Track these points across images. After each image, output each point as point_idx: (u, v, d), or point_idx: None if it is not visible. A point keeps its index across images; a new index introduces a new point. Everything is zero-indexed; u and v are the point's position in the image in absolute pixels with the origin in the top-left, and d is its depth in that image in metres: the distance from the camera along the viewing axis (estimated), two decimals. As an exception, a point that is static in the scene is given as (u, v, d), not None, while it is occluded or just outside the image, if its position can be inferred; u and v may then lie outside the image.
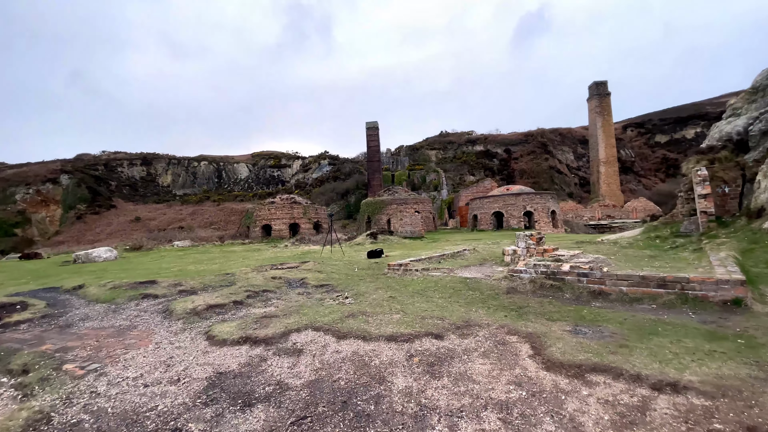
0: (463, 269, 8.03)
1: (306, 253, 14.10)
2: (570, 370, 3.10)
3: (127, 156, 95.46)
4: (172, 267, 12.29)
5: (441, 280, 6.94)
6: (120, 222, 75.44)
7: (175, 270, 11.21)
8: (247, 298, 6.42)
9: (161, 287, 7.61)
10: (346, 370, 3.36)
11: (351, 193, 70.11)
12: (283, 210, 35.34)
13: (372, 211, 35.15)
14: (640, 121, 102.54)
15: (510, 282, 6.25)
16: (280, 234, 34.24)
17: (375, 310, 5.17)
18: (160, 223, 75.51)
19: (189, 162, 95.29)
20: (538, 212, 33.52)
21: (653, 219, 13.38)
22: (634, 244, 10.36)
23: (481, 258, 9.81)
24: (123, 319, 5.80)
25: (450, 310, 5.09)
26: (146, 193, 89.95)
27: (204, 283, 7.80)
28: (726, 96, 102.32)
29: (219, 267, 10.86)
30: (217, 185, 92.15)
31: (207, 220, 77.04)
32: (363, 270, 9.14)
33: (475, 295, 5.92)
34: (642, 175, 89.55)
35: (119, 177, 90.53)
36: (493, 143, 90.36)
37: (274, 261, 11.96)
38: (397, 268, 7.98)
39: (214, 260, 14.42)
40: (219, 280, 7.97)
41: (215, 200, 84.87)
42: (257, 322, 4.89)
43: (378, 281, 7.44)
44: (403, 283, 7.07)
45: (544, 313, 4.81)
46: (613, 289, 5.40)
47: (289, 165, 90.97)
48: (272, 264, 10.68)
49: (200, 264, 12.79)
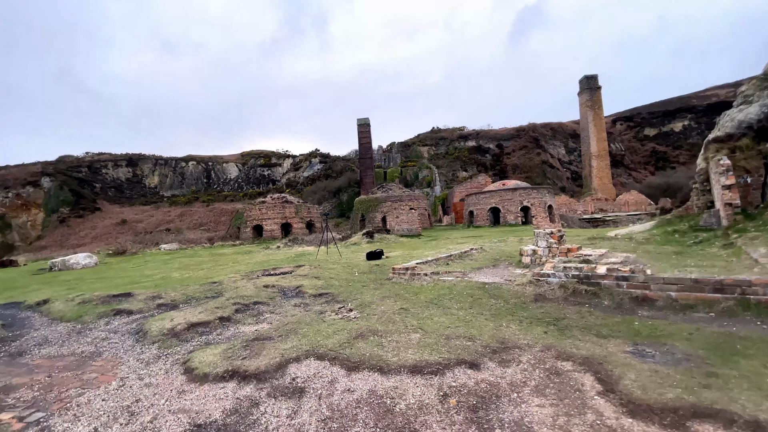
0: (477, 272, 7.27)
1: (300, 255, 13.24)
2: (664, 417, 2.34)
3: (111, 157, 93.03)
4: (154, 274, 11.34)
5: (455, 286, 6.16)
6: (105, 225, 73.45)
7: (157, 278, 10.27)
8: (236, 312, 5.57)
9: (138, 301, 6.70)
10: (365, 421, 2.55)
11: (343, 191, 69.15)
12: (274, 210, 34.29)
13: (366, 209, 34.28)
14: (628, 114, 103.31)
15: (536, 287, 5.51)
16: (272, 234, 33.20)
17: (387, 327, 4.37)
18: (148, 225, 73.68)
19: (177, 162, 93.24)
20: (535, 207, 33.04)
21: (664, 212, 12.84)
22: (651, 239, 9.73)
23: (491, 258, 9.07)
24: (87, 344, 4.91)
25: (476, 325, 4.31)
26: (133, 195, 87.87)
27: (187, 294, 6.91)
28: (712, 89, 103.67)
29: (206, 274, 9.95)
30: (206, 186, 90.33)
31: (196, 222, 75.42)
32: (364, 274, 8.33)
33: (500, 304, 5.16)
34: (632, 169, 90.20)
35: (104, 179, 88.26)
36: (485, 138, 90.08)
37: (266, 265, 11.08)
38: (403, 273, 7.19)
39: (201, 265, 13.47)
40: (204, 291, 7.08)
41: (204, 201, 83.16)
42: (247, 347, 4.05)
43: (383, 288, 6.64)
44: (412, 290, 6.28)
45: (589, 327, 4.06)
46: (659, 294, 4.68)
47: (280, 164, 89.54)
48: (264, 269, 9.81)
49: (186, 270, 11.84)
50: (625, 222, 49.98)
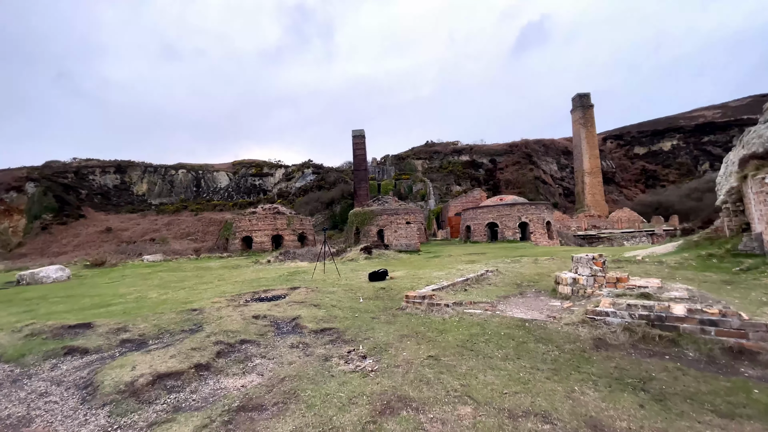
0: (506, 303, 6.22)
1: (294, 274, 12.04)
2: None
3: (99, 163, 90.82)
4: (129, 293, 10.03)
5: (487, 322, 5.09)
6: (89, 233, 71.02)
7: (130, 299, 8.98)
8: (218, 356, 4.40)
9: (98, 334, 5.47)
10: None
11: (336, 202, 68.04)
12: (265, 221, 32.95)
13: (361, 221, 33.19)
14: (618, 133, 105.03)
15: (592, 329, 4.47)
16: (261, 247, 31.79)
17: (421, 392, 3.26)
18: (133, 234, 71.45)
19: (166, 170, 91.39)
20: (534, 223, 32.33)
21: (686, 232, 12.05)
22: (686, 264, 8.83)
23: (513, 284, 8.04)
24: (18, 402, 3.69)
25: (540, 390, 3.24)
26: (119, 203, 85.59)
27: (160, 326, 5.70)
28: (699, 110, 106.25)
29: (186, 295, 8.69)
30: (195, 194, 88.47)
31: (184, 231, 73.38)
32: (370, 301, 7.21)
33: (552, 352, 4.10)
34: (623, 186, 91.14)
35: (91, 185, 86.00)
36: (478, 153, 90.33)
37: (255, 285, 9.87)
38: (419, 302, 6.10)
39: (183, 282, 12.16)
40: (181, 321, 5.88)
41: (193, 210, 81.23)
42: (230, 424, 2.90)
43: (398, 322, 5.53)
44: (434, 326, 5.19)
45: (695, 397, 3.02)
46: (761, 345, 3.68)
47: (272, 174, 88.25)
48: (253, 291, 8.60)
49: (165, 288, 10.55)
50: (620, 239, 49.80)
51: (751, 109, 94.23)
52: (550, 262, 10.63)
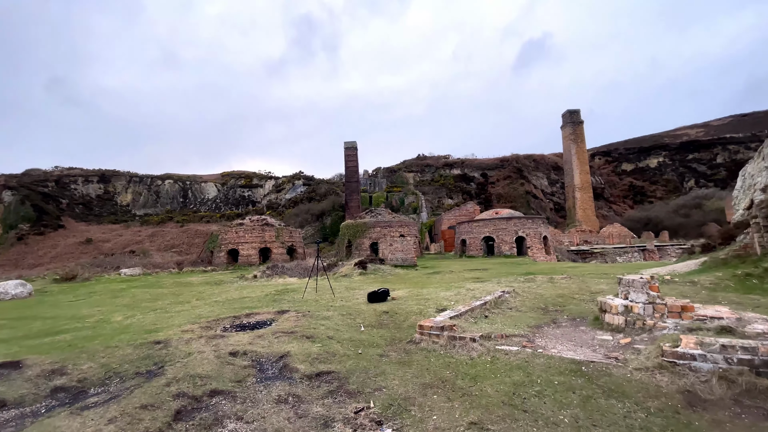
0: (540, 334, 5.14)
1: (282, 292, 10.78)
2: None
3: (82, 172, 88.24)
4: (90, 316, 8.66)
5: (529, 364, 4.00)
6: (68, 244, 68.23)
7: (90, 323, 7.64)
8: (176, 419, 3.19)
9: (25, 378, 4.19)
10: None
11: (327, 214, 66.76)
12: (252, 233, 31.50)
13: (353, 234, 32.00)
14: (606, 149, 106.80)
15: (674, 376, 3.41)
16: (248, 260, 30.27)
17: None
18: (115, 245, 68.88)
19: (152, 180, 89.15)
20: (531, 237, 31.58)
21: (707, 249, 11.23)
22: (723, 285, 7.93)
23: (537, 308, 6.98)
24: None
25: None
26: (102, 213, 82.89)
27: (109, 366, 4.45)
28: (682, 129, 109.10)
29: (154, 320, 7.39)
30: (182, 205, 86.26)
31: (168, 243, 71.06)
32: (374, 329, 6.05)
33: (636, 414, 3.02)
34: (612, 202, 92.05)
35: (72, 195, 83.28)
36: (470, 167, 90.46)
37: (237, 306, 8.60)
38: (435, 334, 4.97)
39: (157, 301, 10.79)
40: (138, 360, 4.63)
41: (179, 221, 78.95)
42: None
43: (414, 362, 4.39)
44: (461, 368, 4.07)
45: None
46: None
47: (261, 185, 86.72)
48: (234, 315, 7.34)
49: (133, 310, 9.19)
50: (612, 255, 49.52)
51: (734, 128, 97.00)
52: (567, 281, 9.64)
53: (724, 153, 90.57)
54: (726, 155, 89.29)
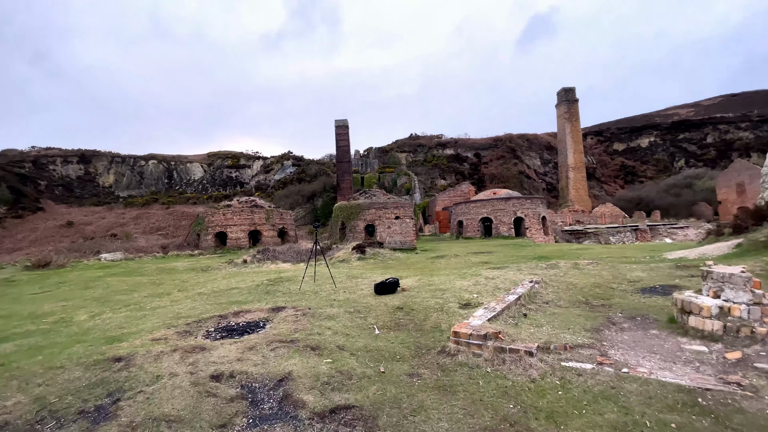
0: (608, 343, 4.11)
1: (276, 282, 9.61)
2: None
3: (61, 153, 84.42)
4: (51, 312, 7.40)
5: (620, 394, 2.95)
6: (48, 227, 65.64)
7: (46, 324, 6.40)
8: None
9: None
10: None
11: (318, 196, 65.13)
12: (241, 215, 30.02)
13: (347, 216, 30.76)
14: (598, 129, 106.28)
15: None
16: (237, 243, 28.92)
17: None
18: (98, 228, 66.50)
19: (135, 160, 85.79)
20: (530, 218, 30.80)
21: (738, 230, 10.33)
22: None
23: (578, 302, 5.96)
24: None
25: None
26: (83, 195, 79.79)
27: (45, 400, 3.27)
28: (672, 109, 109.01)
29: (122, 322, 6.17)
30: (167, 186, 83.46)
31: (153, 226, 68.94)
32: (391, 332, 4.97)
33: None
34: (603, 182, 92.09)
35: (51, 176, 79.83)
36: (463, 147, 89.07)
37: (224, 302, 7.42)
38: (477, 344, 3.89)
39: (133, 292, 9.54)
40: (87, 388, 3.45)
41: (164, 203, 76.45)
42: None
43: (458, 388, 3.31)
44: (527, 400, 3.01)
45: None
46: None
47: (249, 165, 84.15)
48: (220, 314, 6.16)
49: (103, 305, 7.94)
50: (606, 234, 49.41)
51: (723, 108, 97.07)
52: (596, 268, 8.67)
53: (714, 133, 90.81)
54: (716, 135, 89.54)
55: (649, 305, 5.42)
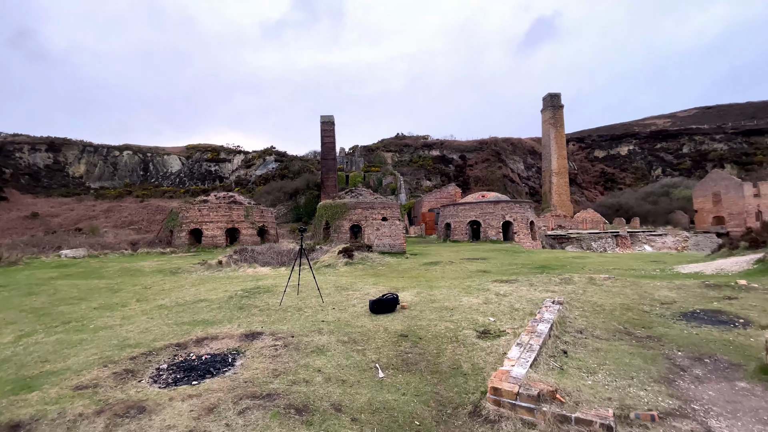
0: (694, 401, 3.13)
1: (252, 292, 8.33)
2: None
3: (29, 140, 79.49)
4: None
5: None
6: (10, 218, 61.55)
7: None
8: None
9: None
10: None
11: (301, 193, 63.31)
12: (218, 211, 28.27)
13: (332, 215, 29.45)
14: (579, 136, 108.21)
15: None
16: (213, 242, 27.18)
17: None
18: (65, 220, 62.77)
19: (109, 150, 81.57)
20: (518, 223, 30.26)
21: (754, 244, 9.74)
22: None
23: (614, 329, 5.00)
24: None
25: None
26: (51, 185, 75.34)
27: None
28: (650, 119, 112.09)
29: (49, 351, 4.81)
30: (142, 179, 79.74)
31: (125, 219, 65.62)
32: (398, 374, 3.85)
33: None
34: (584, 187, 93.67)
35: (17, 164, 75.17)
36: (449, 149, 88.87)
37: (188, 320, 6.13)
38: (527, 410, 2.82)
39: (80, 302, 8.07)
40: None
41: (139, 196, 72.95)
42: None
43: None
44: None
45: None
46: None
47: (229, 159, 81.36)
48: (178, 341, 4.89)
49: (36, 321, 6.50)
50: (588, 240, 49.77)
51: (698, 119, 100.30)
52: (616, 284, 7.79)
53: (690, 143, 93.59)
54: (692, 146, 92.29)
55: (707, 339, 4.50)
